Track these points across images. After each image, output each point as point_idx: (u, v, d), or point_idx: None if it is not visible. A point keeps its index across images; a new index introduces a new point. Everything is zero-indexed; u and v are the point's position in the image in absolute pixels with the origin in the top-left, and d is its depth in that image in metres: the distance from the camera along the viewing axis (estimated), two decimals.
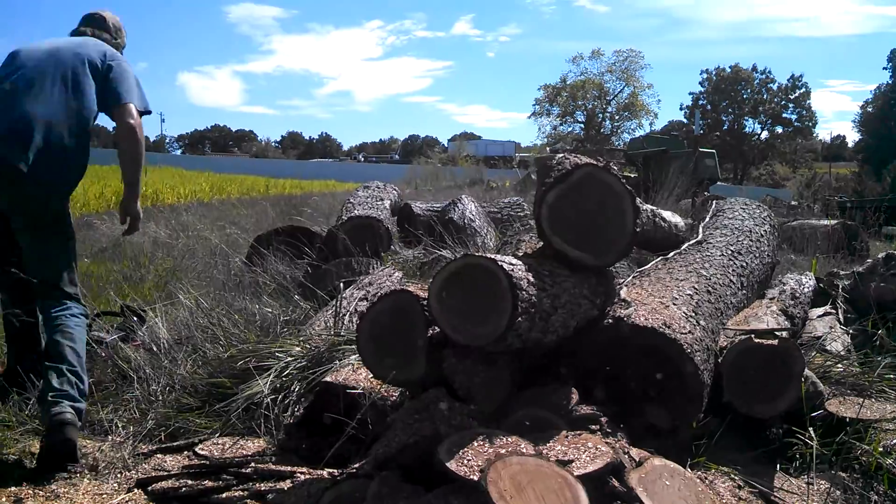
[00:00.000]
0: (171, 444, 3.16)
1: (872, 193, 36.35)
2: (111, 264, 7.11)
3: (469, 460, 1.98)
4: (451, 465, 1.95)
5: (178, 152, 78.35)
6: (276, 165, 48.74)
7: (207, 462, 2.80)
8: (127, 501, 2.70)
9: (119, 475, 2.96)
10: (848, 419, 2.88)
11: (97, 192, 16.29)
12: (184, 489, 2.65)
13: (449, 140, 77.25)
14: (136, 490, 2.76)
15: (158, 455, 3.09)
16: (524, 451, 2.03)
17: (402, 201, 8.68)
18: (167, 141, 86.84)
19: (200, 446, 3.02)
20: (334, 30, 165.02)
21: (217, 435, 3.19)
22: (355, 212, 6.93)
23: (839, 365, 3.49)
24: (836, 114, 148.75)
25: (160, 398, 3.58)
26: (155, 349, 4.00)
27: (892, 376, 3.33)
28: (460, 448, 2.03)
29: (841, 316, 4.65)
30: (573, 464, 2.03)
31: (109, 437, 3.31)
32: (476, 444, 2.06)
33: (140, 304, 4.69)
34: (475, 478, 1.88)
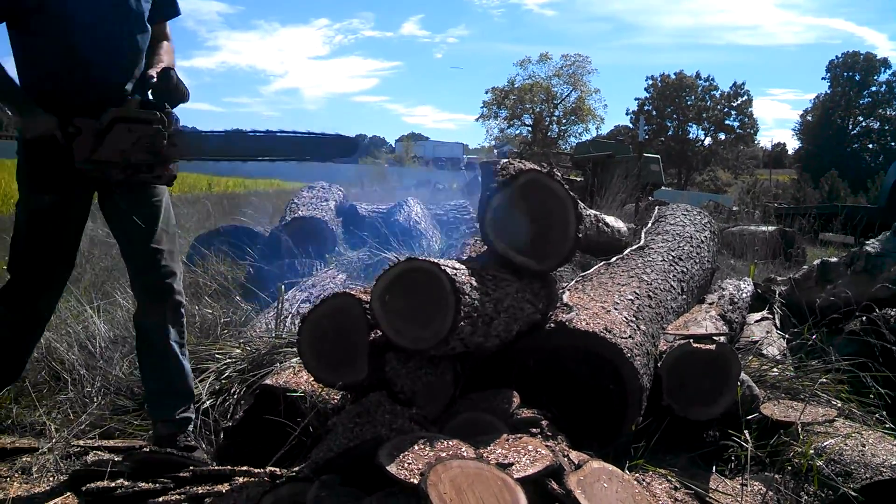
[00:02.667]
0: (108, 445, 3.09)
1: (811, 200, 37.35)
2: None
3: (409, 464, 1.97)
4: (392, 468, 1.94)
5: None
6: (220, 163, 47.98)
7: (145, 463, 2.75)
8: None
9: (52, 478, 2.89)
10: (782, 422, 2.94)
11: None
12: (119, 490, 2.59)
13: (396, 140, 77.22)
14: (68, 493, 2.70)
15: (93, 456, 3.02)
16: (465, 454, 2.03)
17: (347, 202, 8.64)
18: None
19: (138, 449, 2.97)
20: (281, 27, 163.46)
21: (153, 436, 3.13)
22: (299, 212, 6.89)
23: (774, 369, 3.57)
24: (777, 121, 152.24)
25: (95, 400, 3.50)
26: (91, 349, 3.91)
27: (824, 380, 3.42)
28: (401, 451, 2.02)
29: (777, 321, 4.76)
30: (513, 467, 2.03)
31: (42, 440, 3.23)
32: (417, 447, 2.05)
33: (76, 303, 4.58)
34: (415, 481, 1.87)
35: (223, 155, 2.77)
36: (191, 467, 2.68)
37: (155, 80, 2.68)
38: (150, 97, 2.73)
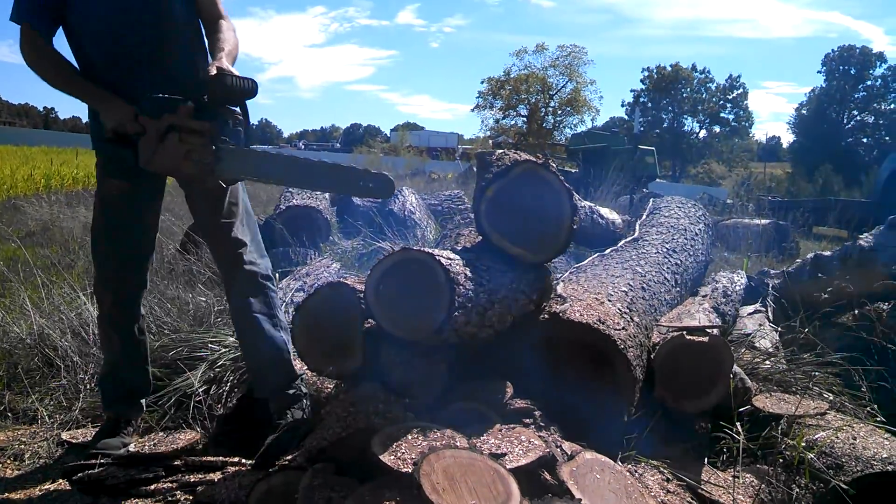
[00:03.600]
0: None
1: (805, 194, 37.44)
2: (40, 249, 6.91)
3: (403, 453, 1.98)
4: (385, 457, 1.95)
5: None
6: None
7: (137, 452, 2.75)
8: (52, 491, 2.64)
9: (44, 464, 2.89)
10: (773, 414, 2.95)
11: (25, 174, 15.80)
12: (111, 480, 2.59)
13: (391, 130, 77.08)
14: (61, 480, 2.70)
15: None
16: (458, 444, 2.04)
17: None
18: None
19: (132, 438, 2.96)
20: (276, 14, 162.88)
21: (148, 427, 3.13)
22: (294, 201, 6.86)
23: (767, 362, 3.58)
24: (772, 115, 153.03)
25: (88, 387, 3.50)
26: (84, 336, 3.90)
27: (816, 373, 3.43)
28: (394, 441, 2.03)
29: (770, 314, 4.78)
30: (506, 457, 2.04)
31: (34, 427, 3.23)
32: (410, 437, 2.06)
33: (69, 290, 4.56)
34: (408, 470, 1.88)
35: (266, 177, 2.72)
36: (182, 456, 2.69)
37: (209, 82, 2.59)
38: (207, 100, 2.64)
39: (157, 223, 3.06)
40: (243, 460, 2.67)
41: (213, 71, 2.57)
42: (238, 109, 2.64)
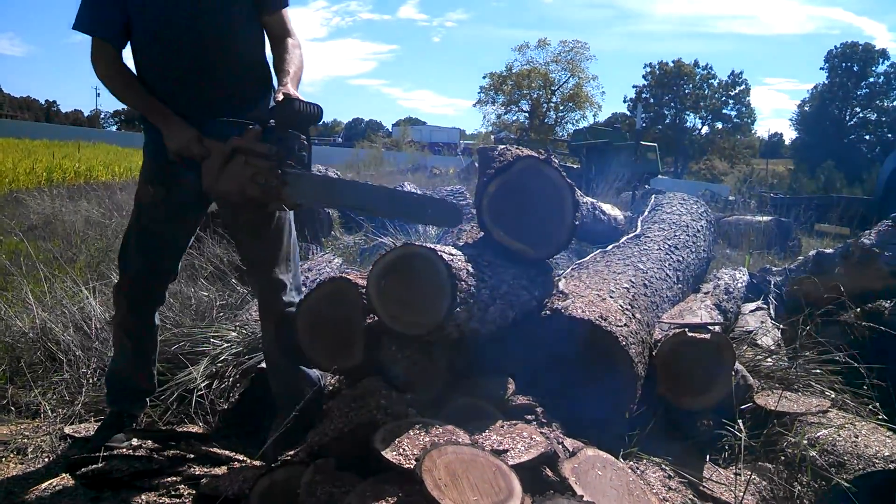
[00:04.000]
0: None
1: (807, 191, 37.42)
2: (42, 242, 6.92)
3: (404, 449, 1.98)
4: (387, 453, 1.95)
5: (114, 129, 76.19)
6: None
7: (140, 446, 2.76)
8: (56, 485, 2.65)
9: (47, 459, 2.89)
10: (775, 412, 2.95)
11: (27, 167, 15.81)
12: (115, 473, 2.60)
13: (393, 125, 77.01)
14: (64, 474, 2.70)
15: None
16: (460, 440, 2.04)
17: None
18: (102, 117, 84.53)
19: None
20: None
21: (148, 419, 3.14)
22: None
23: (769, 359, 3.58)
24: (775, 111, 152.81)
25: (90, 381, 3.50)
26: (86, 330, 3.90)
27: (818, 371, 3.43)
28: (396, 436, 2.03)
29: (772, 311, 4.77)
30: (508, 453, 2.04)
31: (37, 421, 3.23)
32: (412, 432, 2.06)
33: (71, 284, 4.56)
34: (411, 466, 1.88)
35: (330, 203, 2.68)
36: (186, 450, 2.69)
37: (276, 107, 2.55)
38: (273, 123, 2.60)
39: (187, 245, 3.06)
40: (247, 455, 2.67)
41: (280, 96, 2.54)
42: (302, 134, 2.62)
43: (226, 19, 2.73)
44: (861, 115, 68.88)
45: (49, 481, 2.67)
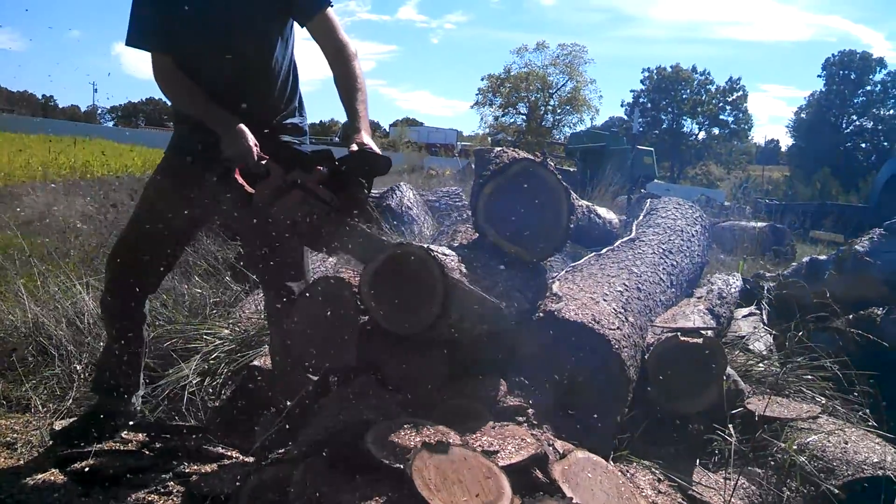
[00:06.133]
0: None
1: (803, 198, 37.53)
2: (36, 237, 6.90)
3: (395, 449, 1.98)
4: (378, 452, 1.95)
5: (111, 124, 75.97)
6: None
7: (130, 442, 2.76)
8: (45, 481, 2.64)
9: (36, 453, 2.89)
10: (766, 417, 2.96)
11: (23, 162, 15.75)
12: (105, 469, 2.60)
13: (391, 125, 76.87)
14: (54, 469, 2.69)
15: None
16: (451, 440, 2.04)
17: None
18: (99, 112, 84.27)
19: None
20: None
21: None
22: None
23: (760, 364, 3.59)
24: (771, 118, 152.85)
25: (82, 376, 3.49)
26: (78, 325, 3.90)
27: (809, 377, 3.44)
28: (387, 436, 2.03)
29: (765, 316, 4.78)
30: (498, 454, 2.04)
31: (27, 415, 3.23)
32: (403, 432, 2.06)
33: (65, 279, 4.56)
34: (401, 466, 1.88)
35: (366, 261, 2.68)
36: (176, 447, 2.69)
37: (350, 157, 2.52)
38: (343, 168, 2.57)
39: (184, 240, 3.09)
40: (237, 452, 2.67)
41: (355, 147, 2.53)
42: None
43: (259, 30, 2.77)
44: (858, 122, 69.06)
45: (39, 476, 2.66)
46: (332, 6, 2.86)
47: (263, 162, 2.54)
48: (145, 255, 2.91)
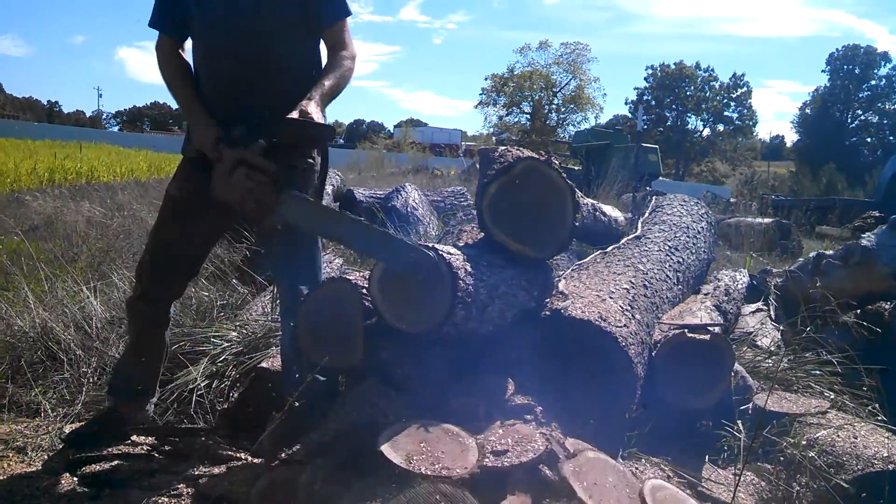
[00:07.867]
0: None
1: (808, 193, 37.44)
2: (43, 243, 6.91)
3: (406, 449, 1.98)
4: (389, 453, 1.95)
5: (116, 129, 76.16)
6: None
7: (140, 445, 2.76)
8: (56, 484, 2.65)
9: (47, 457, 2.90)
10: (775, 413, 2.96)
11: (29, 167, 15.80)
12: (115, 472, 2.60)
13: (395, 126, 76.84)
14: (65, 472, 2.70)
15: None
16: (461, 440, 2.04)
17: (344, 187, 8.62)
18: (104, 117, 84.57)
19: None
20: None
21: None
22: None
23: (768, 360, 3.58)
24: (776, 114, 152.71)
25: (91, 380, 3.51)
26: (87, 330, 3.91)
27: (817, 372, 3.43)
28: (395, 436, 2.03)
29: (772, 312, 4.78)
30: (507, 454, 2.04)
31: (37, 420, 3.24)
32: (412, 432, 2.06)
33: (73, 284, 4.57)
34: (411, 467, 1.88)
35: (322, 233, 2.67)
36: (186, 449, 2.70)
37: (286, 124, 2.51)
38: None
39: (206, 253, 3.11)
40: (246, 454, 2.68)
41: (296, 113, 2.52)
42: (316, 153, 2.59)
43: (282, 28, 2.77)
44: (862, 117, 68.88)
45: (49, 480, 2.67)
46: (349, 16, 2.90)
47: (218, 149, 2.56)
48: (173, 262, 2.92)
